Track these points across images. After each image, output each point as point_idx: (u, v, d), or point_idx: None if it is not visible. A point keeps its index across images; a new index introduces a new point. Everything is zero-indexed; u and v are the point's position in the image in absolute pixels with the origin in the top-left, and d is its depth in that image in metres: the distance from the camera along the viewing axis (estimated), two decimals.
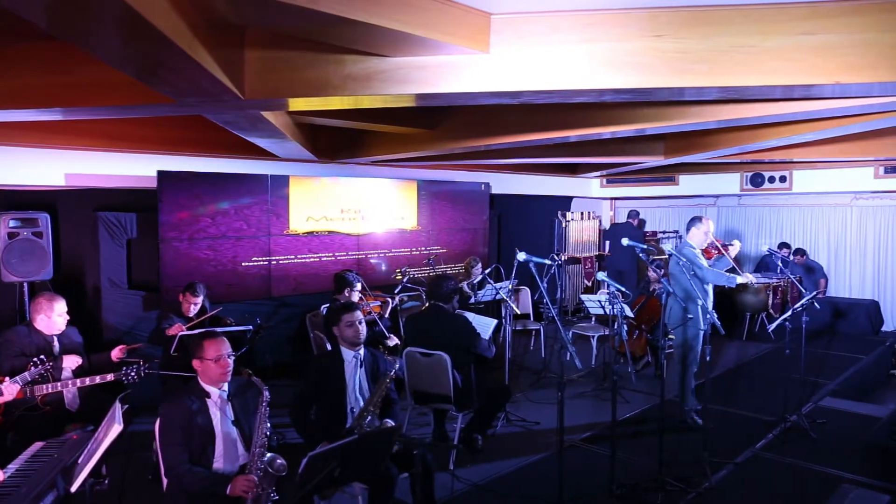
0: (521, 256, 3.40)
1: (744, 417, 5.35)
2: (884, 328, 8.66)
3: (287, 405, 3.59)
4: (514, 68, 3.17)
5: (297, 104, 3.70)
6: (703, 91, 3.19)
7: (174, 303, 5.04)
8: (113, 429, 2.34)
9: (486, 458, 4.48)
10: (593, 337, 7.05)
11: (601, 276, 3.64)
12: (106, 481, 3.74)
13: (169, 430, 2.75)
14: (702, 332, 4.93)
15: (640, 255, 4.00)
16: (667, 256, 5.33)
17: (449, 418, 4.77)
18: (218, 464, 2.77)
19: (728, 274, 4.96)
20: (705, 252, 5.05)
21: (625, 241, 3.84)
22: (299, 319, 6.27)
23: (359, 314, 3.50)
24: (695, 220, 5.14)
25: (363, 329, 3.49)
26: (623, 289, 4.36)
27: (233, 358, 2.87)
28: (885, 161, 7.89)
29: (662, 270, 6.23)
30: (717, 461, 4.32)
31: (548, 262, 3.49)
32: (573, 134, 5.03)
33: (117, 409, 2.44)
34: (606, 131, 4.83)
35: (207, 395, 2.84)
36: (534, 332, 7.63)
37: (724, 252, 5.03)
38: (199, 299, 4.76)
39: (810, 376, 6.27)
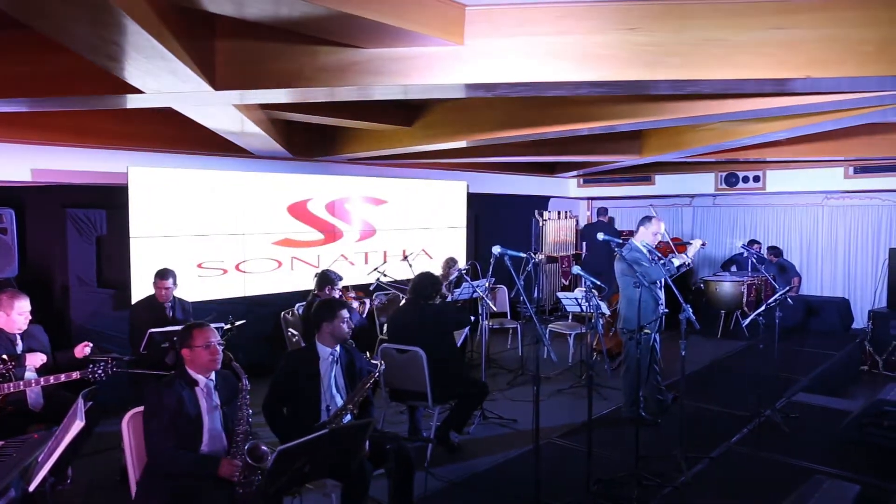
0: (497, 250, 3.38)
1: (718, 413, 5.39)
2: (854, 325, 8.82)
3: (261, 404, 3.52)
4: (488, 61, 3.16)
5: (269, 96, 3.65)
6: (677, 84, 3.20)
7: (145, 300, 4.94)
8: (74, 425, 2.26)
9: (462, 456, 4.46)
10: (570, 335, 7.07)
11: (576, 270, 3.63)
12: (69, 481, 3.65)
13: (156, 415, 2.74)
14: (657, 336, 4.99)
15: (616, 249, 4.00)
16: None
17: (426, 416, 4.74)
18: (204, 448, 2.81)
19: (665, 267, 4.81)
20: (660, 249, 5.02)
21: (600, 236, 3.84)
22: (274, 319, 6.19)
23: (347, 312, 3.47)
24: (644, 220, 5.06)
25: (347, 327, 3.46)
26: (598, 282, 4.37)
27: (222, 346, 2.90)
28: (854, 161, 8.04)
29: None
30: (693, 456, 4.35)
31: (523, 255, 3.47)
32: (550, 130, 5.03)
33: (79, 405, 2.36)
34: (583, 127, 4.85)
35: (195, 382, 2.87)
36: (511, 331, 7.63)
37: (674, 251, 4.98)
38: (169, 282, 4.70)
39: (783, 372, 6.34)
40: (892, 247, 8.29)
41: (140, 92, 3.40)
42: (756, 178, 8.96)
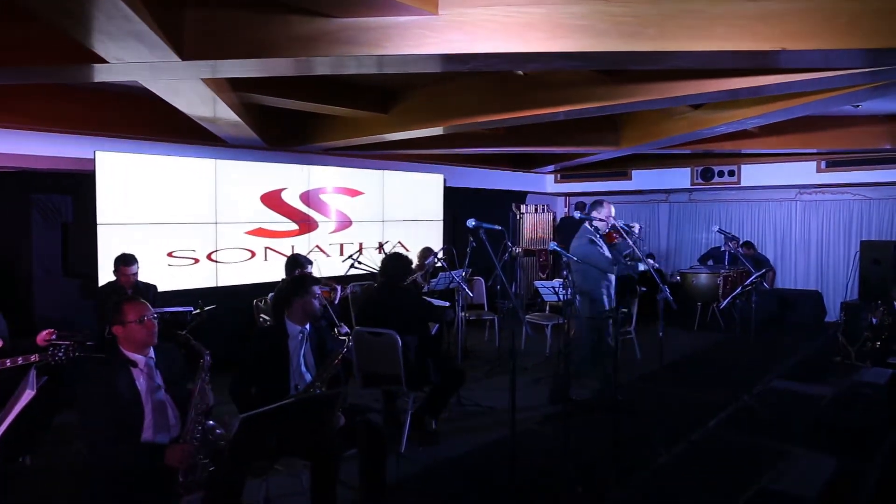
0: (471, 223, 3.31)
1: (696, 400, 5.38)
2: (827, 318, 8.93)
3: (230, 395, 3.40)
4: (463, 31, 3.11)
5: (239, 68, 3.55)
6: (653, 57, 3.18)
7: (108, 285, 4.80)
8: (25, 394, 2.14)
9: (438, 442, 4.37)
10: (547, 326, 7.03)
11: (553, 245, 3.59)
12: (21, 459, 3.50)
13: (90, 407, 2.52)
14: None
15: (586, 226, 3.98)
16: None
17: (401, 404, 4.65)
18: (147, 434, 2.58)
19: (630, 263, 4.84)
20: (607, 236, 5.00)
21: (577, 214, 3.80)
22: (247, 310, 6.04)
23: (318, 289, 3.39)
24: (594, 205, 5.01)
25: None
26: (574, 258, 4.33)
27: (156, 318, 2.69)
28: (826, 154, 8.18)
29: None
30: (672, 439, 4.32)
31: (498, 227, 3.40)
32: (527, 115, 5.01)
33: (31, 375, 2.24)
34: (559, 111, 4.81)
35: (133, 363, 2.62)
36: (488, 323, 7.57)
37: (624, 236, 4.97)
38: (133, 268, 4.56)
39: (759, 362, 6.39)
40: (864, 239, 8.41)
41: (104, 61, 3.28)
42: (731, 173, 9.06)
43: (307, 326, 3.33)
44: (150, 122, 5.76)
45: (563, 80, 4.68)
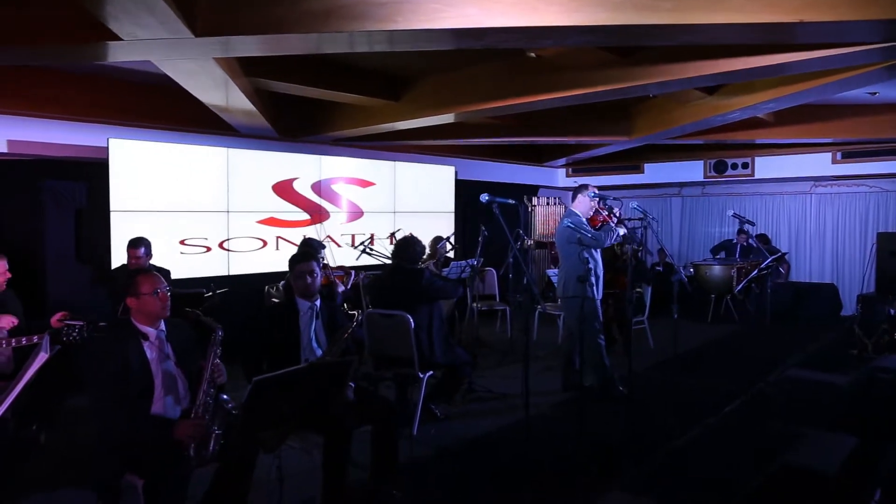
0: (485, 197, 3.28)
1: (711, 388, 5.31)
2: (843, 312, 8.81)
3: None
4: (477, 5, 3.08)
5: (251, 47, 3.55)
6: (668, 30, 3.14)
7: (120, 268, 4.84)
8: (39, 357, 2.14)
9: (450, 425, 4.35)
10: (560, 316, 6.97)
11: (566, 222, 3.56)
12: (34, 428, 3.52)
13: (98, 378, 2.51)
14: (598, 302, 4.85)
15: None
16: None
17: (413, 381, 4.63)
18: (157, 405, 2.56)
19: (610, 233, 4.76)
20: (591, 220, 4.92)
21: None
22: (258, 298, 6.04)
23: (313, 266, 3.35)
24: (581, 189, 4.98)
25: (317, 281, 3.35)
26: (589, 235, 4.29)
27: (170, 292, 2.68)
28: (841, 145, 8.06)
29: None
30: (687, 424, 4.28)
31: (511, 201, 3.37)
32: (539, 99, 4.98)
33: (45, 340, 2.24)
34: (573, 94, 4.78)
35: (144, 336, 2.61)
36: (499, 314, 7.53)
37: (608, 220, 4.90)
38: (140, 251, 4.59)
39: (774, 353, 6.31)
40: (881, 231, 8.30)
41: (118, 38, 3.29)
42: (745, 165, 8.97)
43: (317, 302, 3.32)
44: (163, 110, 5.79)
45: (576, 62, 4.65)
